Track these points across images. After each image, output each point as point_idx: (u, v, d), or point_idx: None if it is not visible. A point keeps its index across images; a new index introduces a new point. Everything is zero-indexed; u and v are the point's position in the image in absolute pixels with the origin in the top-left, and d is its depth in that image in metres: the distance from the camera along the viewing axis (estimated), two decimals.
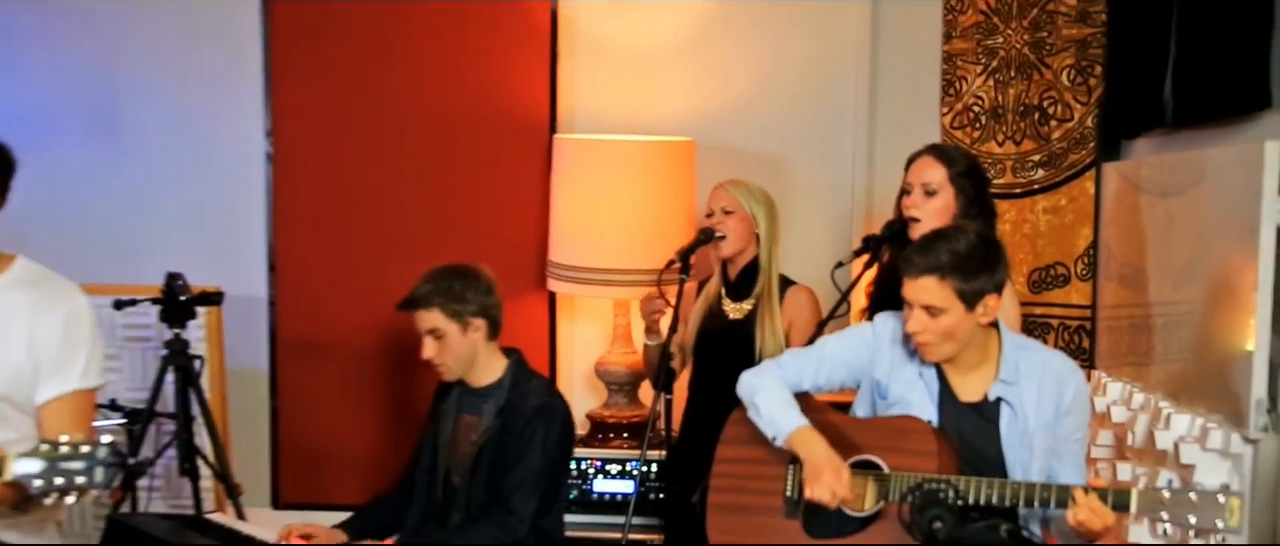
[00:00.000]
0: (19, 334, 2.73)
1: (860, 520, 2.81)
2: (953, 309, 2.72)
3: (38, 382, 2.75)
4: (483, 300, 3.37)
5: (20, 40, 4.87)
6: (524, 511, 3.26)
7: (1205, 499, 2.44)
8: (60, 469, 2.37)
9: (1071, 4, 3.95)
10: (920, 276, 2.72)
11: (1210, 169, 3.14)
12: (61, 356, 2.76)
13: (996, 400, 2.83)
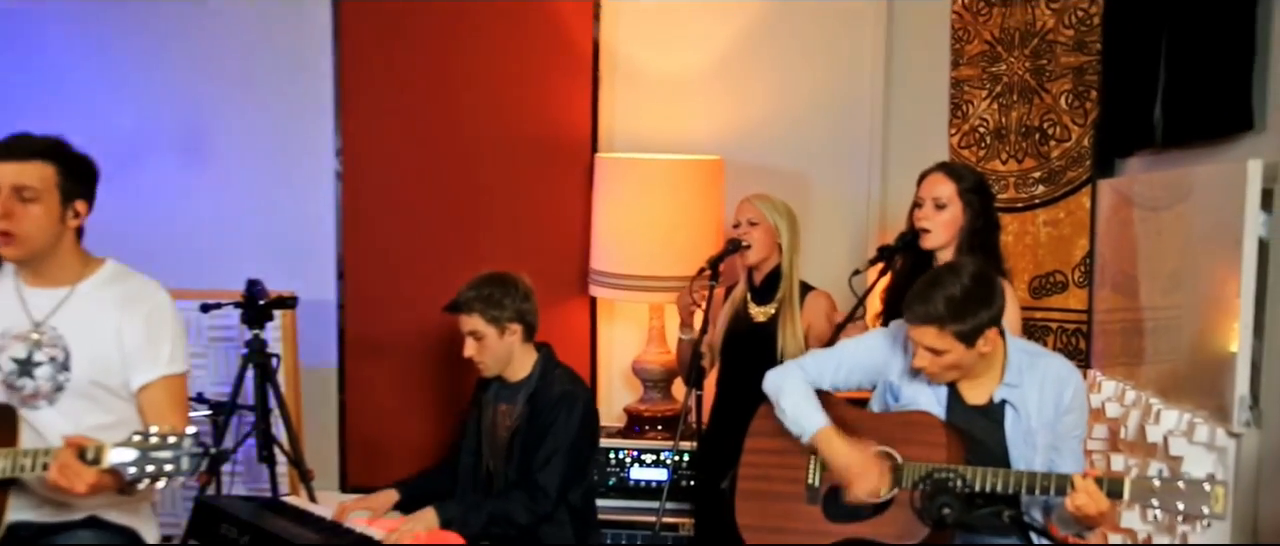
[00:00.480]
0: (108, 327, 2.78)
1: (875, 506, 2.81)
2: (954, 349, 2.71)
3: (129, 371, 2.79)
4: (519, 306, 3.38)
5: (120, 72, 4.91)
6: (549, 486, 3.27)
7: (1192, 487, 2.43)
8: (151, 457, 2.42)
9: (1069, 34, 3.93)
10: (922, 325, 2.71)
11: (1197, 185, 3.13)
12: (148, 347, 2.80)
13: (1001, 402, 2.82)
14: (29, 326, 2.78)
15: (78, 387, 2.78)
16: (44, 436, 2.73)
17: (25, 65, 4.92)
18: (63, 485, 2.50)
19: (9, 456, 2.62)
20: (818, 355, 3.08)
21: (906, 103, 4.46)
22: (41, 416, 2.77)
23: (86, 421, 2.73)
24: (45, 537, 2.80)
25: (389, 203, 4.82)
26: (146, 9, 4.88)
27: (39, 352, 2.77)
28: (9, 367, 2.77)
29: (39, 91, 4.88)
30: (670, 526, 4.05)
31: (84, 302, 2.82)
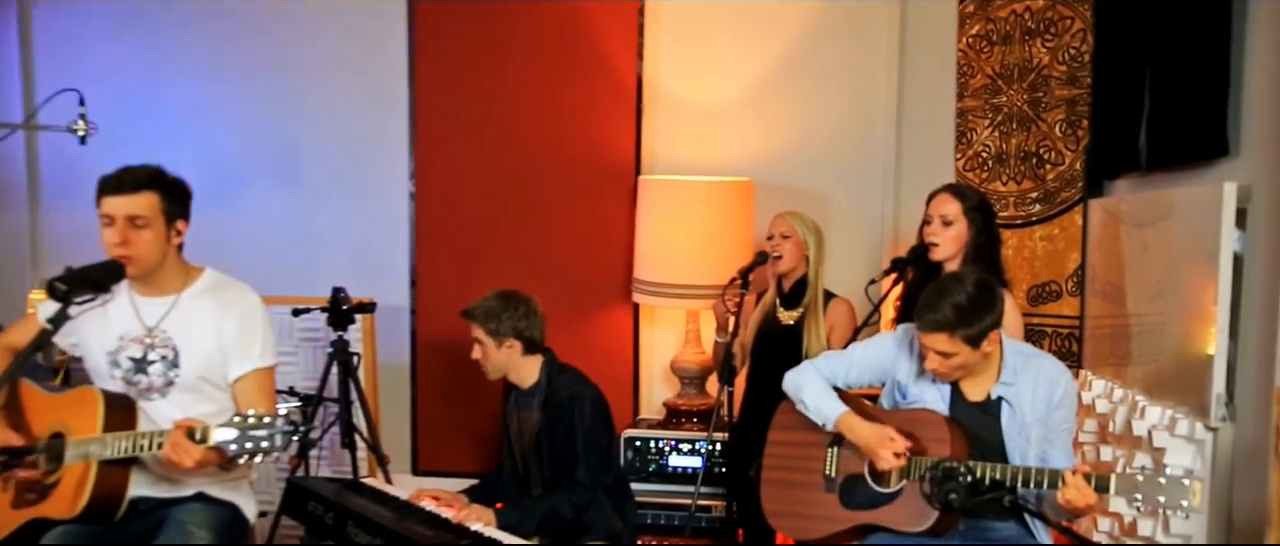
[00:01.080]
0: (209, 327, 2.83)
1: (887, 495, 2.82)
2: (962, 351, 2.71)
3: (227, 365, 2.84)
4: (517, 324, 3.34)
5: (227, 109, 5.02)
6: (586, 478, 3.28)
7: (1172, 482, 2.41)
8: (249, 436, 2.46)
9: (1062, 69, 3.91)
10: (933, 332, 2.70)
11: (1177, 205, 3.11)
12: (242, 344, 2.85)
13: (998, 399, 2.81)
14: (143, 331, 2.85)
15: (186, 382, 2.84)
16: (157, 425, 2.79)
17: (153, 104, 5.03)
18: (174, 460, 2.57)
19: (130, 438, 2.68)
20: (831, 356, 3.09)
21: (917, 130, 4.46)
22: (155, 407, 2.83)
23: (193, 411, 2.78)
24: (160, 510, 2.86)
25: (456, 220, 4.87)
26: (248, 57, 4.98)
27: (152, 353, 2.84)
28: (127, 366, 2.84)
29: (162, 125, 5.00)
30: (704, 508, 4.05)
31: (188, 308, 2.87)
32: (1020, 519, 2.83)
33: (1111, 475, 2.52)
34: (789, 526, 3.07)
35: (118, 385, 2.86)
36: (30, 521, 2.80)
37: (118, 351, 2.85)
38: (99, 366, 2.89)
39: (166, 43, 5.05)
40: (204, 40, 5.03)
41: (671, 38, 4.66)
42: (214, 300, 2.90)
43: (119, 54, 5.07)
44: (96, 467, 2.70)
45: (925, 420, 2.83)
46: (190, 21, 5.03)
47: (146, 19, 5.06)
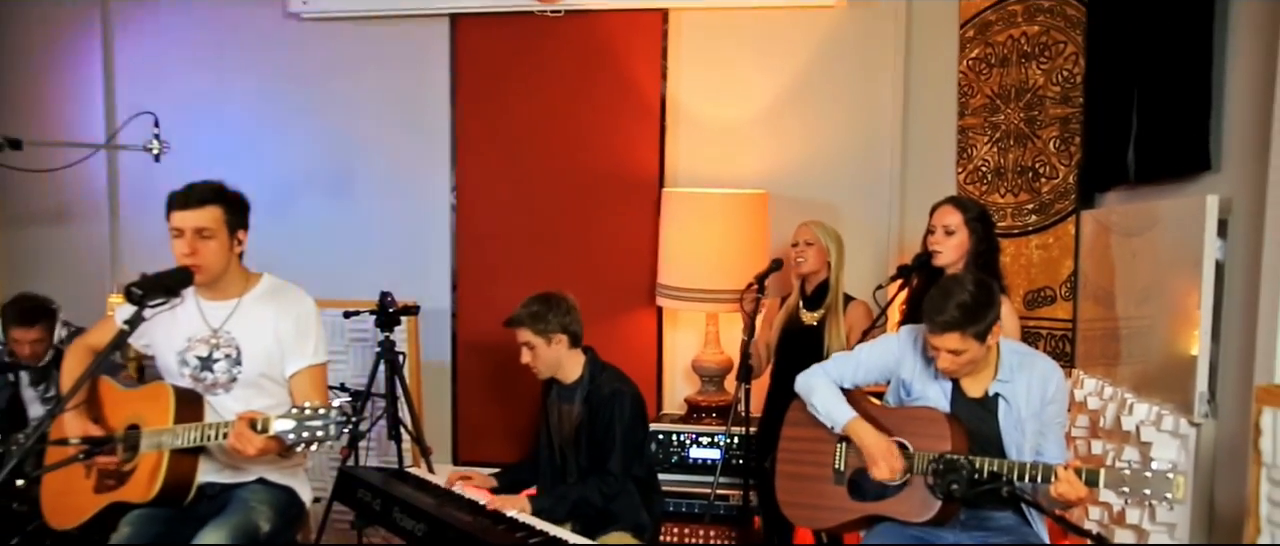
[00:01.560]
0: (268, 328, 2.88)
1: (893, 487, 2.81)
2: (971, 347, 2.70)
3: (284, 362, 2.88)
4: (562, 320, 3.33)
5: (283, 127, 5.07)
6: (618, 469, 3.26)
7: (1157, 476, 2.41)
8: (306, 426, 2.51)
9: (1056, 90, 3.90)
10: (943, 333, 2.69)
11: (1163, 216, 3.11)
12: (298, 341, 2.89)
13: (995, 395, 2.80)
14: (208, 332, 2.90)
15: (248, 378, 2.89)
16: (222, 417, 2.83)
17: (219, 124, 5.09)
18: (239, 448, 2.62)
19: (198, 429, 2.73)
20: (840, 358, 3.07)
21: (921, 146, 4.44)
22: (220, 401, 2.88)
23: (254, 404, 2.82)
24: (225, 493, 2.91)
25: (493, 229, 4.88)
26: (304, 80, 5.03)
27: (217, 352, 2.88)
28: (194, 364, 2.89)
29: (227, 144, 5.05)
30: (722, 497, 4.05)
31: (249, 310, 2.91)
32: (1017, 509, 2.83)
33: (1101, 469, 2.51)
34: (802, 516, 3.08)
35: (186, 382, 2.90)
36: (110, 504, 2.86)
37: (186, 351, 2.90)
38: (169, 365, 2.93)
39: (231, 69, 5.10)
40: (265, 66, 5.08)
41: (692, 60, 4.66)
42: (272, 303, 2.94)
43: (190, 80, 5.12)
44: (169, 456, 2.75)
45: (927, 417, 2.82)
46: (253, 50, 5.08)
47: (213, 48, 5.12)
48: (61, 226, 5.31)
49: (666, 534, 4.13)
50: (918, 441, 2.80)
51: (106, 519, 2.87)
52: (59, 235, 5.30)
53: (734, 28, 4.60)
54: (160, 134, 4.55)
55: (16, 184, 4.93)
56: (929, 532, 2.81)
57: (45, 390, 4.09)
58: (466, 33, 4.83)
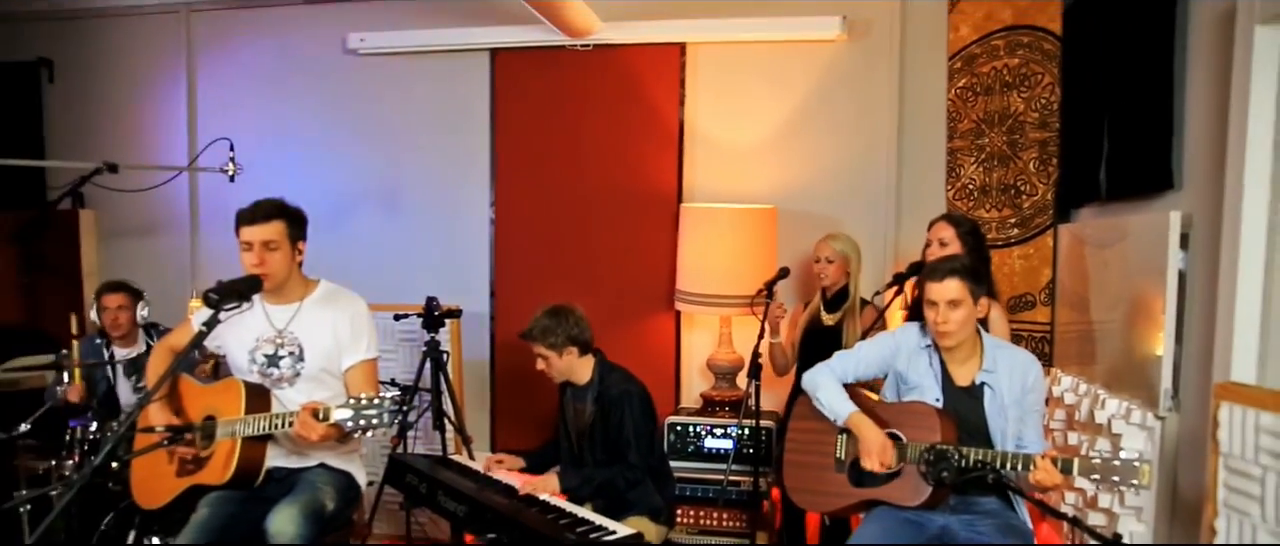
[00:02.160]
0: (327, 327, 2.92)
1: (888, 475, 2.83)
2: (965, 302, 2.74)
3: (341, 357, 2.92)
4: (570, 331, 3.36)
5: (341, 150, 5.12)
6: (636, 460, 3.30)
7: (1125, 464, 2.42)
8: (363, 414, 2.55)
9: (1035, 116, 3.90)
10: (945, 278, 2.75)
11: (1131, 230, 3.11)
12: (353, 339, 2.93)
13: (981, 383, 2.82)
14: (273, 333, 2.95)
15: (310, 373, 2.94)
16: (287, 409, 2.87)
17: (285, 148, 5.17)
18: (303, 435, 2.67)
19: (267, 418, 2.78)
20: (842, 356, 3.07)
21: (913, 166, 4.45)
22: (286, 395, 2.93)
23: (315, 396, 2.86)
24: (291, 477, 2.97)
25: (528, 240, 4.91)
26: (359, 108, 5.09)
27: (281, 350, 2.94)
28: (262, 361, 2.94)
29: (292, 165, 5.12)
30: (734, 483, 4.08)
31: (309, 313, 2.97)
32: (1002, 494, 2.84)
33: (1075, 459, 2.52)
34: (806, 501, 3.09)
35: (255, 377, 2.95)
36: (191, 487, 2.92)
37: (254, 350, 2.95)
38: (239, 363, 2.99)
39: (296, 99, 5.18)
40: (325, 96, 5.15)
41: (708, 89, 4.68)
42: (330, 305, 2.99)
43: (260, 109, 5.22)
44: (241, 443, 2.81)
45: (919, 411, 2.84)
46: (315, 81, 5.16)
47: (281, 80, 5.21)
48: (149, 239, 5.41)
49: (683, 516, 4.15)
50: (911, 433, 2.82)
51: (187, 499, 2.93)
52: (147, 247, 5.39)
53: (745, 60, 4.62)
54: (235, 157, 4.63)
55: (113, 202, 5.05)
56: (921, 515, 2.83)
57: (137, 380, 4.19)
58: (505, 65, 4.88)
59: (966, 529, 2.82)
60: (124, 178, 4.58)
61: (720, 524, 4.13)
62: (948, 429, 2.78)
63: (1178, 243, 2.78)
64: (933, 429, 2.78)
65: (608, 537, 2.86)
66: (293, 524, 2.72)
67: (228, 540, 2.77)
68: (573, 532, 2.86)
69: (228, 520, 2.81)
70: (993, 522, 2.81)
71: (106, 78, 5.47)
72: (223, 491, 2.86)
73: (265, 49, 5.22)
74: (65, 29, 5.51)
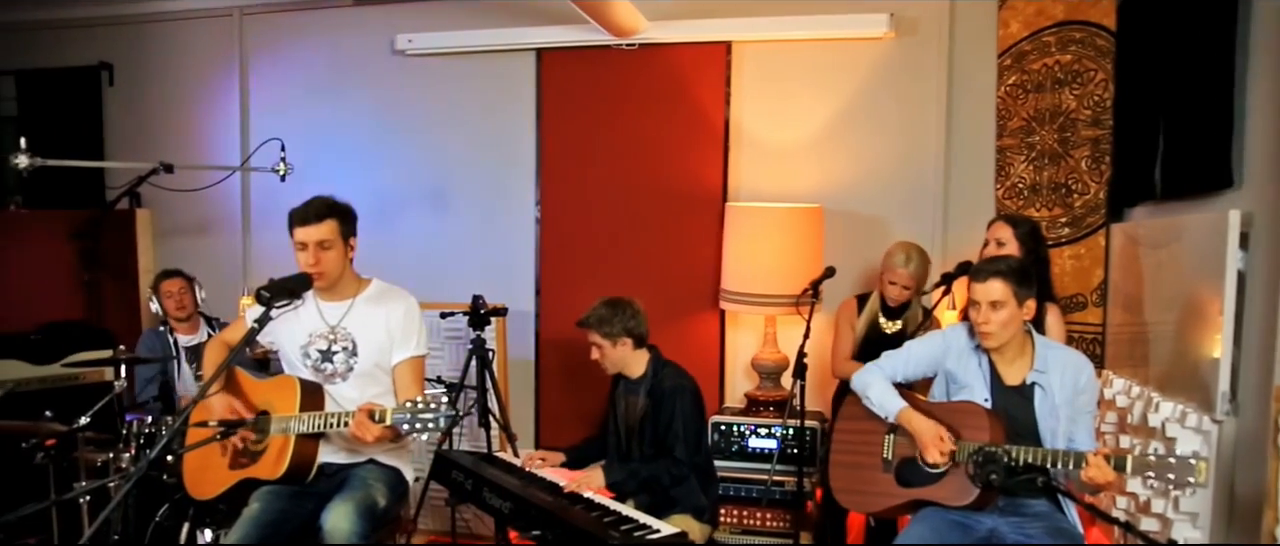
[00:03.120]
0: (380, 323, 2.96)
1: (936, 475, 2.82)
2: (1009, 303, 2.73)
3: (392, 352, 2.96)
4: (627, 324, 3.35)
5: (389, 149, 5.18)
6: (682, 455, 3.28)
7: (1181, 462, 2.39)
8: (418, 418, 2.57)
9: (1088, 114, 3.85)
10: (989, 279, 2.74)
11: (1188, 230, 3.06)
12: (404, 335, 2.97)
13: (1032, 383, 2.79)
14: (327, 329, 2.99)
15: (364, 369, 2.98)
16: (340, 405, 2.92)
17: (335, 147, 5.23)
18: (359, 435, 2.71)
19: (321, 417, 2.82)
20: (891, 355, 3.05)
21: (962, 165, 4.39)
22: (338, 389, 2.98)
23: (368, 391, 2.92)
24: (342, 472, 3.01)
25: (573, 239, 4.92)
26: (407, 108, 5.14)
27: (335, 346, 2.98)
28: (315, 356, 2.99)
29: (342, 164, 5.19)
30: (778, 483, 4.06)
31: (362, 309, 3.01)
32: (1052, 497, 2.80)
33: (1128, 456, 2.50)
34: (853, 501, 3.07)
35: (308, 372, 2.99)
36: (243, 480, 2.97)
37: (308, 345, 3.00)
38: (293, 358, 3.04)
39: (345, 99, 5.25)
40: (374, 97, 5.21)
41: (753, 88, 4.66)
42: (382, 302, 3.03)
43: (311, 109, 5.29)
44: (294, 439, 2.85)
45: (967, 410, 2.81)
46: (364, 82, 5.22)
47: (331, 82, 5.29)
48: (203, 238, 5.52)
49: (727, 515, 4.15)
50: (959, 433, 2.79)
51: (239, 492, 2.98)
52: (201, 246, 5.50)
53: (791, 58, 4.60)
54: (286, 157, 4.71)
55: (168, 202, 5.16)
56: (969, 516, 2.80)
57: (197, 368, 4.30)
58: (550, 65, 4.90)
59: (1015, 531, 2.79)
60: (179, 177, 4.68)
61: (764, 524, 4.12)
62: (997, 429, 2.75)
63: (1237, 242, 2.73)
64: (981, 427, 2.76)
65: (652, 536, 2.86)
66: (347, 520, 2.76)
67: (279, 535, 2.81)
68: (617, 530, 2.86)
69: (279, 515, 2.85)
70: (1042, 525, 2.78)
71: (163, 80, 5.60)
72: (274, 486, 2.91)
73: (315, 50, 5.30)
74: (124, 33, 5.65)
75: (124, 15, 5.61)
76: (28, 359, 4.32)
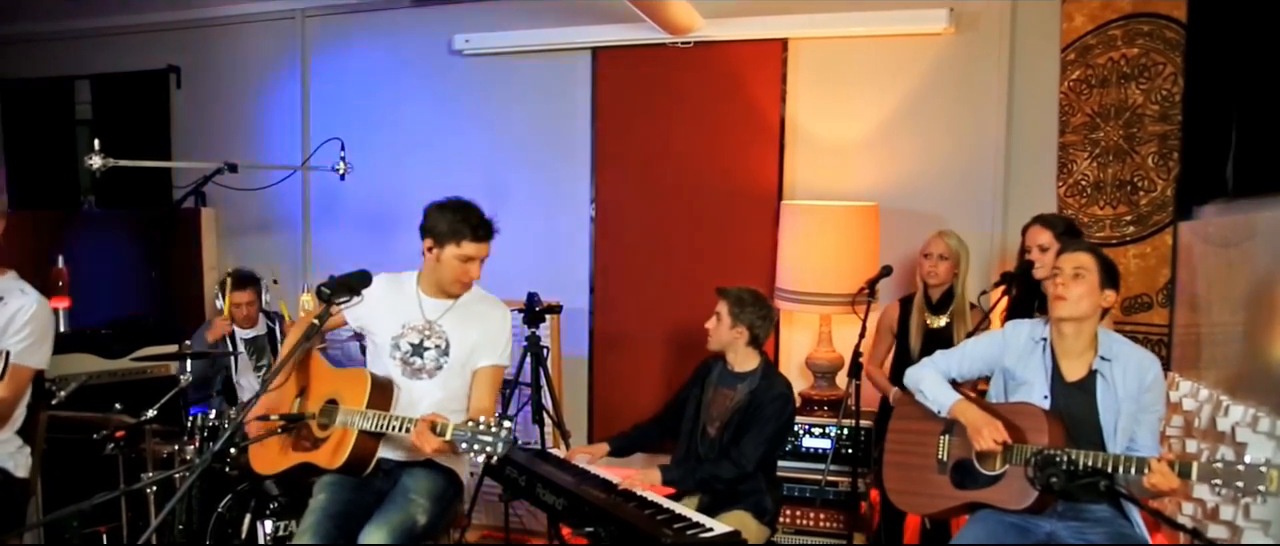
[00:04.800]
0: (477, 325, 3.03)
1: (992, 477, 2.78)
2: (1091, 277, 2.69)
3: (478, 356, 3.02)
4: (752, 319, 3.36)
5: (448, 148, 5.24)
6: (752, 454, 3.24)
7: (1250, 470, 2.31)
8: (478, 438, 2.56)
9: (1155, 109, 3.77)
10: (1079, 252, 2.73)
11: (1261, 228, 2.96)
12: (493, 342, 3.06)
13: (1094, 373, 2.73)
14: (423, 324, 3.02)
15: (452, 368, 3.00)
16: (416, 401, 2.95)
17: (394, 146, 5.29)
18: (418, 445, 2.74)
19: (384, 418, 2.83)
20: (945, 353, 3.02)
21: (1022, 162, 4.32)
22: (421, 386, 3.00)
23: (451, 390, 2.97)
24: (399, 471, 3.03)
25: (628, 238, 4.93)
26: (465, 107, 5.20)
27: (428, 341, 3.01)
28: (406, 349, 3.01)
29: (400, 164, 5.24)
30: (832, 483, 4.04)
31: (463, 310, 3.05)
32: (1115, 502, 2.74)
33: (1194, 463, 2.43)
34: (908, 503, 3.04)
35: (396, 363, 3.02)
36: (302, 463, 3.02)
37: (400, 336, 3.03)
38: (382, 345, 3.06)
39: (404, 98, 5.33)
40: (432, 96, 5.28)
41: (810, 85, 4.64)
42: (482, 308, 3.09)
43: (369, 108, 5.38)
44: (356, 434, 2.88)
45: (1027, 413, 2.76)
46: (422, 82, 5.30)
47: (390, 81, 5.37)
48: (265, 236, 5.65)
49: (782, 515, 4.13)
50: (1017, 435, 2.74)
51: (297, 473, 3.04)
52: (263, 243, 5.62)
53: (848, 54, 4.57)
54: (345, 156, 4.79)
55: (232, 200, 5.29)
56: (1027, 520, 2.76)
57: (258, 360, 4.40)
58: (606, 64, 4.92)
59: (1075, 536, 2.74)
60: (242, 177, 4.79)
61: (818, 524, 4.09)
62: (1056, 432, 2.70)
63: None
64: (1041, 429, 2.71)
65: (705, 534, 2.86)
66: (384, 542, 2.77)
67: (349, 524, 2.85)
68: (670, 528, 2.86)
69: (346, 506, 2.90)
70: (1104, 530, 2.72)
71: (228, 82, 5.75)
72: (336, 477, 2.95)
73: (375, 50, 5.39)
74: (191, 37, 5.81)
75: (191, 20, 5.77)
76: (99, 352, 4.46)
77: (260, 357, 4.45)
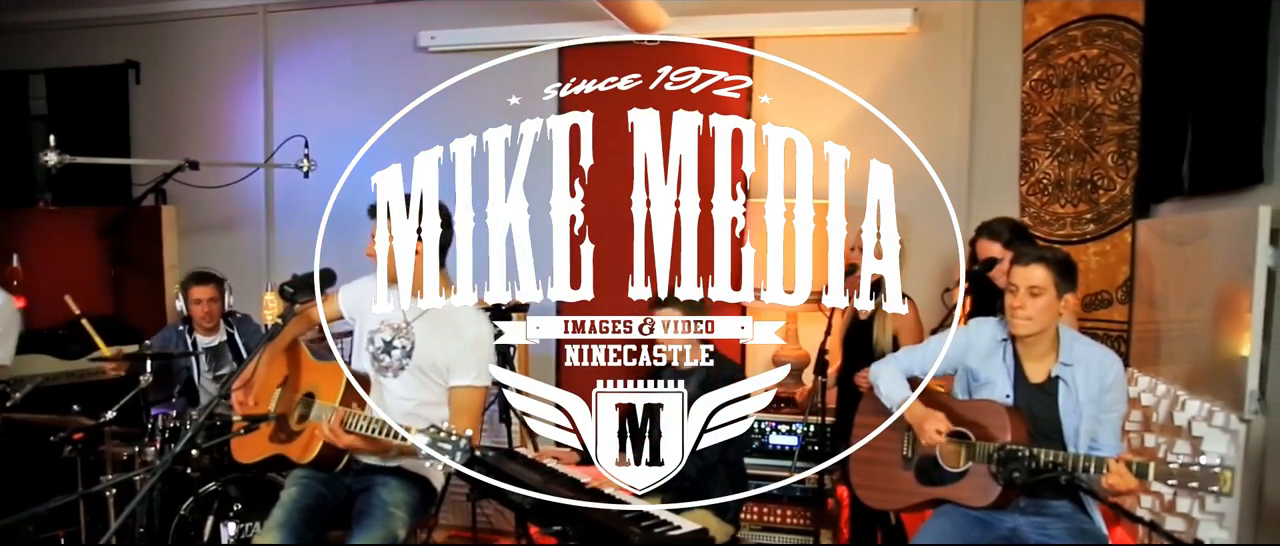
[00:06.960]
0: (446, 337, 2.94)
1: (956, 474, 2.79)
2: (1049, 292, 2.66)
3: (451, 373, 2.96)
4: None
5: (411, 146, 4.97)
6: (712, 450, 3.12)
7: (1205, 471, 2.32)
8: (438, 445, 2.50)
9: (1114, 109, 3.83)
10: (1032, 264, 2.69)
11: (1216, 226, 3.03)
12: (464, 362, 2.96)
13: (1056, 378, 2.74)
14: (400, 322, 2.98)
15: (415, 371, 2.95)
16: (389, 399, 2.93)
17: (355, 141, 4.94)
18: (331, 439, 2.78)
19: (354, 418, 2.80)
20: (910, 350, 3.03)
21: (986, 160, 4.37)
22: (389, 384, 2.96)
23: (417, 394, 2.93)
24: (370, 474, 2.98)
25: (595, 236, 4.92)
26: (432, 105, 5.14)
27: (397, 341, 2.97)
28: (379, 344, 2.98)
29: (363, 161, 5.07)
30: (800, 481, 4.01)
31: (437, 317, 2.95)
32: (1074, 496, 2.76)
33: (1151, 463, 2.44)
34: (874, 498, 3.05)
35: (368, 358, 2.99)
36: (275, 455, 3.00)
37: (376, 332, 3.00)
38: (361, 339, 3.04)
39: (368, 95, 5.25)
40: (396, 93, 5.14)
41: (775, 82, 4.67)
42: (463, 318, 2.97)
43: (334, 106, 5.32)
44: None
45: (989, 410, 2.78)
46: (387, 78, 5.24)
47: (354, 78, 5.33)
48: (227, 234, 5.58)
49: (748, 512, 4.14)
50: (981, 432, 2.76)
51: (272, 464, 3.06)
52: (225, 241, 5.55)
53: (814, 52, 4.59)
54: (309, 153, 4.74)
55: (193, 198, 5.21)
56: (991, 515, 2.78)
57: (216, 367, 4.33)
58: (572, 61, 4.92)
59: (1037, 531, 2.76)
60: (204, 174, 4.72)
61: (784, 520, 4.11)
62: (1018, 428, 2.72)
63: (1267, 238, 2.70)
64: (1003, 426, 2.72)
65: (672, 532, 2.86)
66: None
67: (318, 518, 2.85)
68: (638, 526, 2.86)
69: (316, 499, 2.90)
70: (1065, 525, 2.75)
71: (189, 78, 5.66)
72: (307, 471, 2.95)
73: (339, 47, 5.34)
74: (150, 32, 5.71)
75: (150, 14, 5.67)
76: (56, 353, 4.37)
77: (219, 365, 4.37)
